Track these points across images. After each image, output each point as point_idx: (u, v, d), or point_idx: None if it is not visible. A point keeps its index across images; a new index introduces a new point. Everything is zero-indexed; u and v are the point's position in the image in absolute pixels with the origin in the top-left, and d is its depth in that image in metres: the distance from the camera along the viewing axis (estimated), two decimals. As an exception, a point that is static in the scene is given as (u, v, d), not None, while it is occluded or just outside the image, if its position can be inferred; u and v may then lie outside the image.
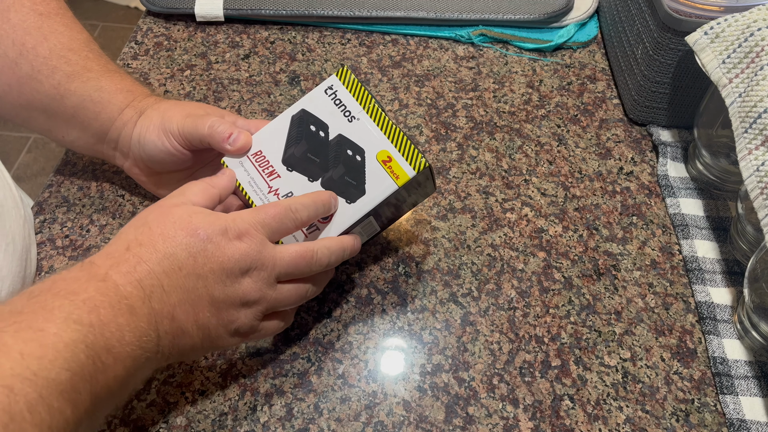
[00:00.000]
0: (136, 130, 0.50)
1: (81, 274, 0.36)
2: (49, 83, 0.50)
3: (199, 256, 0.39)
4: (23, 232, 0.50)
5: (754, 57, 0.50)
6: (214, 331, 0.41)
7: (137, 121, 0.50)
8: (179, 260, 0.38)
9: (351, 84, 0.47)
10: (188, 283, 0.38)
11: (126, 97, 0.51)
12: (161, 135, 0.48)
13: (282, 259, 0.42)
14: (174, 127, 0.48)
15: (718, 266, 0.54)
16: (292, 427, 0.45)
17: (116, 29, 2.17)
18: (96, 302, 0.34)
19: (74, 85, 0.50)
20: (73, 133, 0.52)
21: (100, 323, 0.34)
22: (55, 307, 0.33)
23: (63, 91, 0.50)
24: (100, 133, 0.51)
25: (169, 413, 0.45)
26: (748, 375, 0.48)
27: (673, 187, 0.60)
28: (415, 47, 0.72)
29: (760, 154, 0.47)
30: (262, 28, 0.73)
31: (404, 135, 0.45)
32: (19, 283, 0.48)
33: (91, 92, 0.50)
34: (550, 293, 0.53)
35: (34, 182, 1.73)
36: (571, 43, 0.73)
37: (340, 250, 0.45)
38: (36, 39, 0.50)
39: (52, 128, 0.52)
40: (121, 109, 0.50)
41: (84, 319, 0.33)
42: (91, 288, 0.35)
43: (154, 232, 0.39)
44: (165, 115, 0.49)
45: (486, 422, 0.46)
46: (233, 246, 0.40)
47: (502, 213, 0.58)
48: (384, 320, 0.51)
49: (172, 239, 0.38)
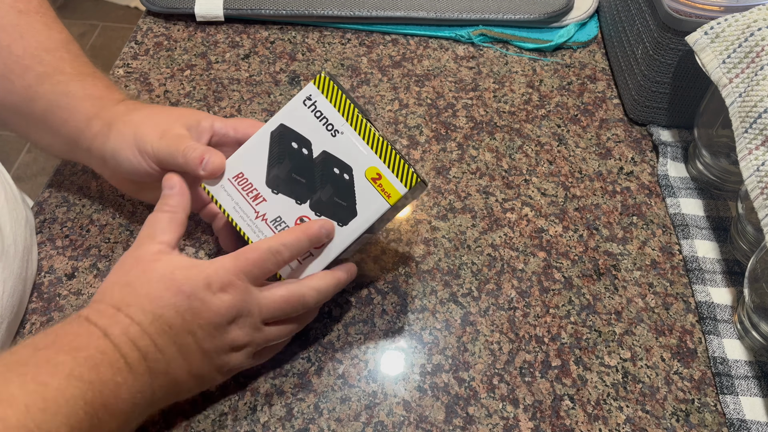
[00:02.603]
0: (110, 145, 0.46)
1: (81, 330, 0.37)
2: (21, 84, 0.48)
3: (187, 314, 0.39)
4: (24, 233, 0.50)
5: (754, 57, 0.50)
6: (207, 375, 0.42)
7: (109, 135, 0.47)
8: (168, 320, 0.39)
9: (331, 92, 0.44)
10: (179, 339, 0.39)
11: (93, 105, 0.48)
12: (136, 154, 0.46)
13: (267, 306, 0.42)
14: (148, 149, 0.45)
15: (719, 266, 0.54)
16: (292, 427, 0.45)
17: (116, 29, 2.17)
18: (96, 360, 0.35)
19: (43, 88, 0.48)
20: (46, 138, 0.50)
21: (100, 381, 0.35)
22: (59, 362, 0.34)
23: (32, 94, 0.48)
24: (71, 140, 0.49)
25: (169, 413, 0.45)
26: (749, 375, 0.48)
27: (673, 187, 0.60)
28: (415, 47, 0.72)
29: (761, 154, 0.47)
30: (262, 28, 0.73)
31: (391, 147, 0.43)
32: (21, 285, 0.48)
33: (59, 97, 0.48)
34: (551, 293, 0.53)
35: (34, 182, 1.73)
36: (571, 43, 0.73)
37: (333, 287, 0.44)
38: (12, 37, 0.48)
39: (27, 130, 0.51)
40: (89, 119, 0.48)
41: (85, 376, 0.34)
42: (92, 346, 0.36)
43: (140, 293, 0.39)
44: (138, 132, 0.46)
45: (486, 422, 0.46)
46: (218, 300, 0.40)
47: (502, 213, 0.58)
48: (384, 320, 0.51)
49: (159, 300, 0.39)
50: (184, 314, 0.39)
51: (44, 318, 0.50)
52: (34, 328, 0.49)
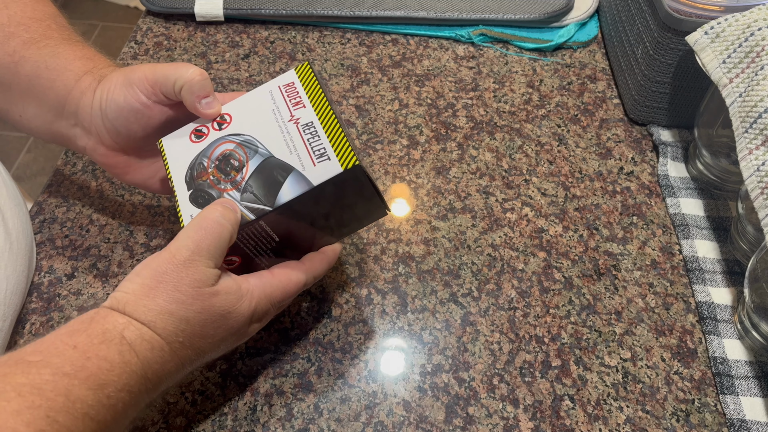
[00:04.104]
0: (97, 95, 0.44)
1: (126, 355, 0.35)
2: (4, 50, 0.46)
3: (222, 346, 0.41)
4: (26, 230, 0.50)
5: (754, 57, 0.50)
6: (211, 357, 0.42)
7: (96, 88, 0.45)
8: (198, 348, 0.39)
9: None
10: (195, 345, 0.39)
11: (85, 65, 0.46)
12: (124, 90, 0.43)
13: (280, 301, 0.43)
14: (141, 76, 0.43)
15: (719, 266, 0.54)
16: (292, 427, 0.45)
17: (116, 29, 2.17)
18: (131, 387, 0.35)
19: (29, 52, 0.46)
20: (30, 109, 0.47)
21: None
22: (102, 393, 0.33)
23: (17, 59, 0.46)
24: (57, 105, 0.46)
25: (169, 413, 0.45)
26: (749, 375, 0.48)
27: (673, 186, 0.60)
28: (415, 47, 0.72)
29: (761, 153, 0.47)
30: (262, 27, 0.73)
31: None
32: (24, 282, 0.48)
33: (47, 58, 0.46)
34: (551, 293, 0.53)
35: (34, 182, 1.73)
36: (571, 43, 0.73)
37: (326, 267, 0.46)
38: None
39: (8, 105, 0.48)
40: (79, 77, 0.46)
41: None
42: (127, 373, 0.35)
43: (195, 333, 0.38)
44: (128, 70, 0.44)
45: (486, 422, 0.46)
46: (252, 329, 0.42)
47: (502, 213, 0.58)
48: (384, 320, 0.51)
49: (209, 338, 0.39)
50: (218, 347, 0.40)
51: (44, 318, 0.50)
52: (34, 328, 0.49)
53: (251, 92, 0.46)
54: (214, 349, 0.40)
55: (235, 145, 0.43)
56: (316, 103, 0.43)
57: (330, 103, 0.43)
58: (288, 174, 0.41)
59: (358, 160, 0.40)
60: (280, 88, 0.45)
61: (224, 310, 0.38)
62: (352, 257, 0.54)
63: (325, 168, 0.40)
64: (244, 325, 0.40)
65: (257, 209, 0.41)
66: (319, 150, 0.41)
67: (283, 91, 0.45)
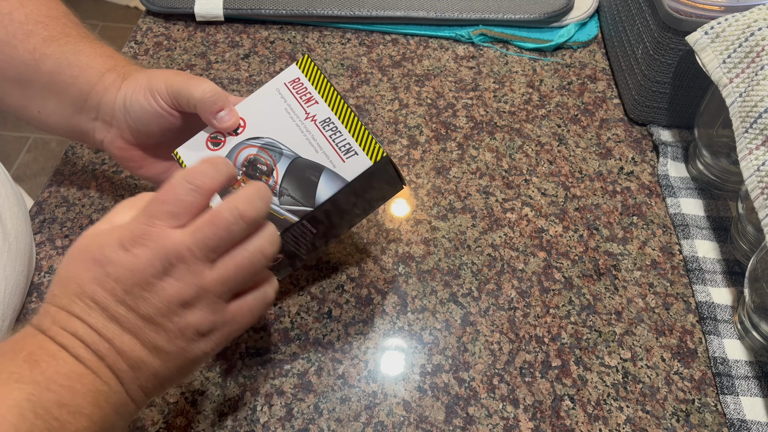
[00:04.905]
0: (121, 93, 0.46)
1: (19, 335, 0.34)
2: (24, 48, 0.47)
3: (107, 284, 0.34)
4: (26, 229, 0.50)
5: (754, 57, 0.50)
6: (168, 346, 0.35)
7: (121, 85, 0.46)
8: (93, 296, 0.34)
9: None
10: (114, 313, 0.34)
11: (106, 62, 0.47)
12: (147, 95, 0.45)
13: (198, 240, 0.35)
14: (161, 86, 0.44)
15: (719, 266, 0.54)
16: (292, 427, 0.45)
17: (116, 29, 2.17)
18: (35, 357, 0.32)
19: (50, 49, 0.47)
20: (50, 105, 0.48)
21: (45, 378, 0.32)
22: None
23: (38, 56, 0.46)
24: (79, 100, 0.47)
25: (169, 413, 0.45)
26: (749, 375, 0.48)
27: (673, 186, 0.60)
28: (415, 47, 0.72)
29: (761, 153, 0.47)
30: (262, 27, 0.73)
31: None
32: (23, 282, 0.48)
33: (69, 55, 0.47)
34: (551, 293, 0.53)
35: (34, 182, 1.73)
36: (571, 43, 0.73)
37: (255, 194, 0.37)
38: (12, 5, 0.48)
39: (27, 101, 0.49)
40: (102, 73, 0.47)
41: (26, 376, 0.31)
42: (27, 344, 0.33)
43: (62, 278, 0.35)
44: (151, 75, 0.45)
45: (486, 422, 0.46)
46: (132, 257, 0.34)
47: (502, 213, 0.58)
48: (384, 320, 0.51)
49: (77, 278, 0.35)
50: (104, 284, 0.34)
51: (44, 318, 0.50)
52: (34, 328, 0.49)
53: (257, 93, 0.46)
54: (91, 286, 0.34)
55: (258, 149, 0.44)
56: (327, 96, 0.44)
57: (340, 95, 0.44)
58: (320, 173, 0.42)
59: (383, 150, 0.42)
60: (286, 85, 0.45)
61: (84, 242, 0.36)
62: (352, 257, 0.54)
63: (354, 163, 0.42)
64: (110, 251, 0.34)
65: (298, 211, 0.42)
66: (345, 146, 0.42)
67: (291, 88, 0.45)
